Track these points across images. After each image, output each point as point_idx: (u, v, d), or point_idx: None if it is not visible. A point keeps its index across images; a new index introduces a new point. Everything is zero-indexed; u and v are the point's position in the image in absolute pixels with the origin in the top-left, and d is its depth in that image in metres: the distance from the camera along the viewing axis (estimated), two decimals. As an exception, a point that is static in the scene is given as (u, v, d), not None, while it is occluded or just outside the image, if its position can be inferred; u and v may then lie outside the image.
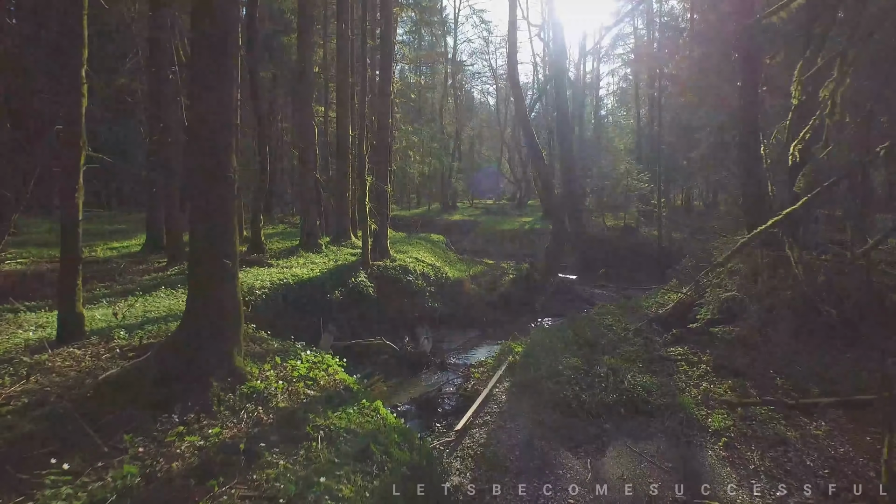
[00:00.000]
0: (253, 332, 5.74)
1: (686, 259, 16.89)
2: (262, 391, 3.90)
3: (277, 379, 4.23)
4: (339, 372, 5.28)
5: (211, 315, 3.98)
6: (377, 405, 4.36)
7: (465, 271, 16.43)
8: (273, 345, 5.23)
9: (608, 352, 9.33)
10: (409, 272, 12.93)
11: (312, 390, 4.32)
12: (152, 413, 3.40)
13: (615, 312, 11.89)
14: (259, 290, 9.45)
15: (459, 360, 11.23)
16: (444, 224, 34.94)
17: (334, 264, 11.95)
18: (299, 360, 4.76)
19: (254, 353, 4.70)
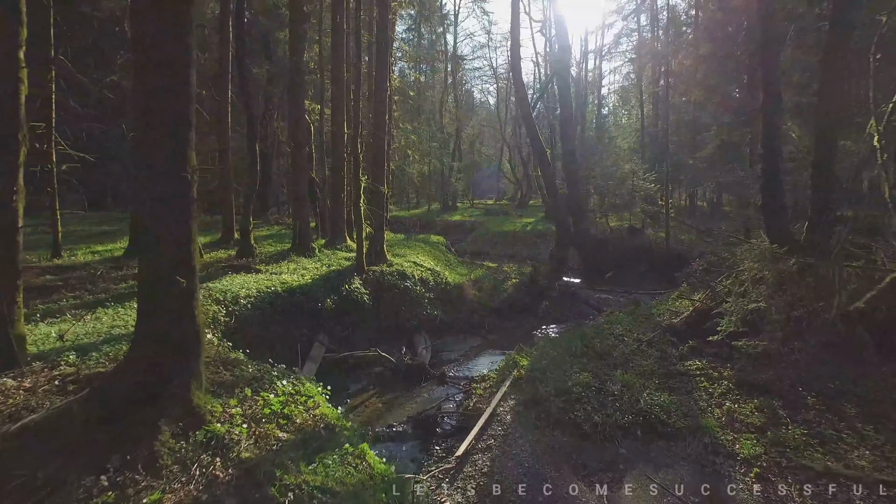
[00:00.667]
0: (225, 354, 5.07)
1: (696, 262, 16.20)
2: (222, 436, 3.22)
3: (244, 419, 3.54)
4: (322, 404, 4.59)
5: (163, 343, 3.31)
6: (363, 449, 3.69)
7: (465, 275, 15.76)
8: (247, 370, 4.54)
9: (620, 365, 8.66)
10: (407, 277, 12.26)
11: (286, 431, 3.64)
12: (79, 471, 2.73)
13: (625, 321, 11.22)
14: (244, 298, 8.78)
15: (460, 371, 10.56)
16: (443, 225, 34.28)
17: (327, 270, 11.27)
18: (274, 393, 4.07)
19: (221, 383, 4.02)
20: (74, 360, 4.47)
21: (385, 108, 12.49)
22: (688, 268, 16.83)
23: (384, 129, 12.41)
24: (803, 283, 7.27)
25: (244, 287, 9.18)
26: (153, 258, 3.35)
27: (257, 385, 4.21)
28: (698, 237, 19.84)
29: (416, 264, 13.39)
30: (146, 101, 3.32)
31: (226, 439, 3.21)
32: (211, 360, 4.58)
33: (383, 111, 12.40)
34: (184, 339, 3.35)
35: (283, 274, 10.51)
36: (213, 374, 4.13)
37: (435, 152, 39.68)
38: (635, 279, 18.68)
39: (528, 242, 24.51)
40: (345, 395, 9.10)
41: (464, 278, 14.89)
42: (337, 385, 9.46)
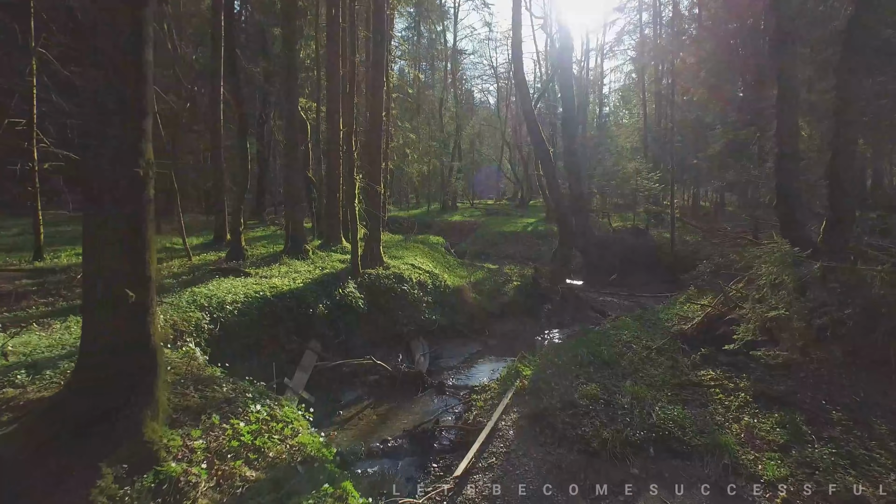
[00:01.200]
0: (199, 370, 4.57)
1: (703, 264, 15.70)
2: (176, 479, 2.72)
3: (206, 455, 3.02)
4: (302, 430, 4.07)
5: (110, 367, 2.81)
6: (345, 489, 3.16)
7: (465, 277, 15.26)
8: (220, 391, 4.03)
9: (629, 375, 8.17)
10: (404, 280, 11.77)
11: (255, 469, 3.12)
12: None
13: (632, 326, 10.72)
14: (231, 304, 8.28)
15: (460, 380, 10.07)
16: (443, 225, 33.73)
17: (320, 273, 10.77)
18: (246, 420, 3.54)
19: (186, 408, 3.52)
20: (24, 379, 3.95)
21: (381, 104, 11.99)
22: (694, 270, 16.35)
23: (380, 125, 11.91)
24: (826, 288, 6.78)
25: (231, 292, 8.68)
26: (98, 266, 2.85)
27: (229, 409, 3.69)
28: (704, 238, 19.32)
29: (413, 267, 12.90)
30: (91, 83, 2.83)
31: (181, 482, 2.70)
32: (180, 379, 4.09)
33: (380, 107, 11.91)
34: (136, 362, 2.86)
35: (273, 277, 10.02)
36: (179, 397, 3.64)
37: (434, 152, 39.19)
38: (640, 281, 18.18)
39: (530, 243, 24.00)
40: (338, 407, 8.61)
41: (463, 281, 14.39)
42: (330, 395, 8.99)
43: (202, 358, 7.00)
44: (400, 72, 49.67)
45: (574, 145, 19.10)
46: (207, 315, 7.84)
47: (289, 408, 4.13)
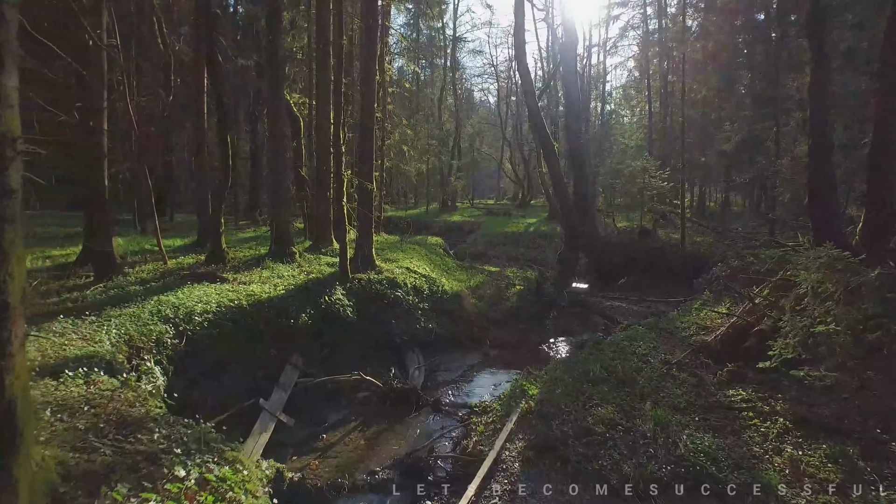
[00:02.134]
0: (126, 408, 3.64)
1: (718, 267, 14.77)
2: None
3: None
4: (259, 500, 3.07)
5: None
6: None
7: (464, 281, 14.34)
8: (147, 439, 3.06)
9: (649, 395, 7.23)
10: (398, 286, 10.84)
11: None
12: None
13: (646, 336, 9.80)
14: (200, 315, 7.36)
15: (458, 396, 9.14)
16: (442, 225, 32.86)
17: (305, 278, 9.85)
18: (165, 494, 2.56)
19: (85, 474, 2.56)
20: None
21: (374, 97, 11.08)
22: (708, 273, 15.41)
23: (373, 119, 10.99)
24: (883, 298, 5.86)
25: (202, 300, 7.76)
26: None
27: (147, 472, 2.76)
28: (716, 239, 18.40)
29: (409, 270, 11.97)
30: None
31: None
32: (98, 423, 3.18)
33: (372, 99, 10.99)
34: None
35: (252, 283, 9.09)
36: (80, 455, 2.73)
37: (434, 150, 38.29)
38: (649, 284, 17.24)
39: (532, 244, 23.08)
40: (321, 430, 7.68)
41: (462, 285, 13.47)
42: (313, 416, 8.05)
43: (159, 381, 6.08)
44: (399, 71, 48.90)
45: (578, 142, 18.17)
46: (172, 328, 6.92)
47: (243, 472, 3.10)
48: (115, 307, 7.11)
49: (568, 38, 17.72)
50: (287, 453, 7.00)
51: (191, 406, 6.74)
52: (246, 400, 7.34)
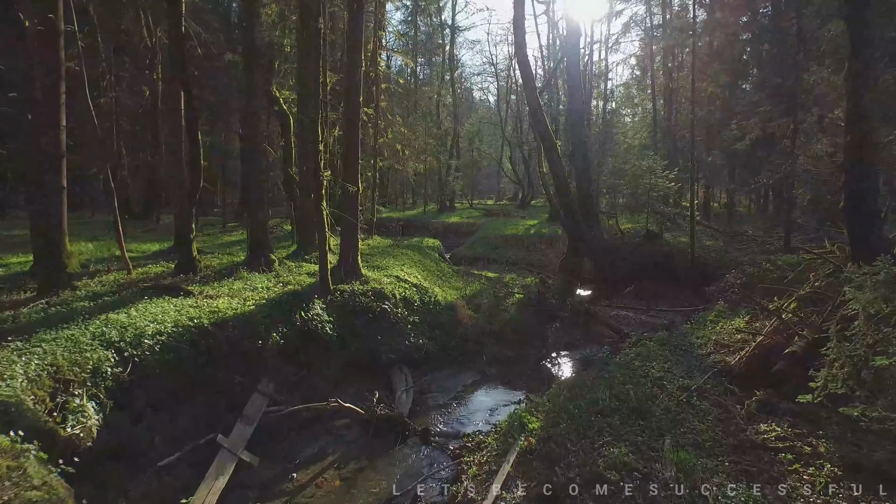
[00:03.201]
0: None
1: (733, 275, 13.79)
2: None
3: None
4: None
5: None
6: None
7: (460, 289, 13.38)
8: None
9: (668, 429, 6.27)
10: (386, 297, 9.87)
11: None
12: None
13: (660, 355, 8.83)
14: (152, 337, 6.40)
15: (450, 424, 8.18)
16: (440, 227, 31.91)
17: (281, 290, 8.89)
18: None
19: None
20: None
21: (359, 88, 10.10)
22: (720, 281, 14.45)
23: (357, 112, 10.02)
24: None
25: (157, 319, 6.80)
26: None
27: None
28: (726, 243, 17.43)
29: (398, 279, 11.01)
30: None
31: None
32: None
33: (357, 90, 10.01)
34: None
35: (220, 297, 8.13)
36: None
37: (431, 150, 37.34)
38: (656, 292, 16.25)
39: (532, 247, 22.11)
40: (292, 468, 6.71)
41: (457, 295, 12.50)
42: (284, 451, 7.07)
43: (90, 421, 5.13)
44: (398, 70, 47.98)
45: (582, 139, 17.15)
46: (115, 354, 5.95)
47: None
48: (52, 329, 6.14)
49: (570, 29, 16.75)
50: (249, 499, 6.06)
51: (134, 447, 5.80)
52: (204, 436, 6.39)
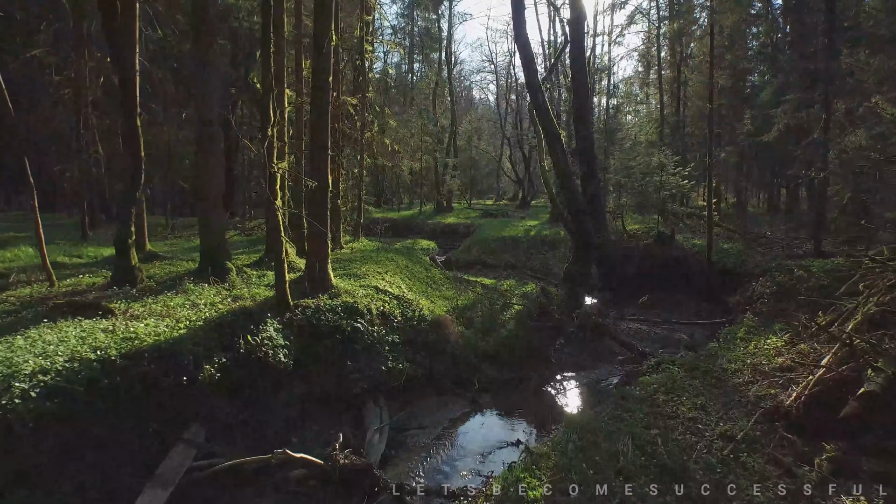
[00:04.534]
0: None
1: (760, 283, 12.23)
2: None
3: None
4: None
5: None
6: None
7: (452, 300, 11.84)
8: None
9: (713, 500, 4.71)
10: (359, 313, 8.31)
11: None
12: None
13: (688, 384, 7.27)
14: (28, 379, 4.85)
15: (432, 475, 6.60)
16: (435, 228, 30.44)
17: (228, 307, 7.33)
18: None
19: None
20: None
21: (329, 63, 8.52)
22: (746, 289, 12.89)
23: (327, 92, 8.44)
24: None
25: (47, 352, 5.25)
26: None
27: None
28: (746, 246, 15.86)
29: (377, 291, 9.45)
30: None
31: None
32: None
33: (327, 67, 8.44)
34: None
35: (146, 318, 6.57)
36: None
37: (427, 147, 35.82)
38: (671, 301, 14.70)
39: (533, 250, 20.54)
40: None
41: (447, 308, 10.95)
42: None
43: None
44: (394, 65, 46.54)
45: (588, 129, 15.54)
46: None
47: None
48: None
49: (575, 12, 15.21)
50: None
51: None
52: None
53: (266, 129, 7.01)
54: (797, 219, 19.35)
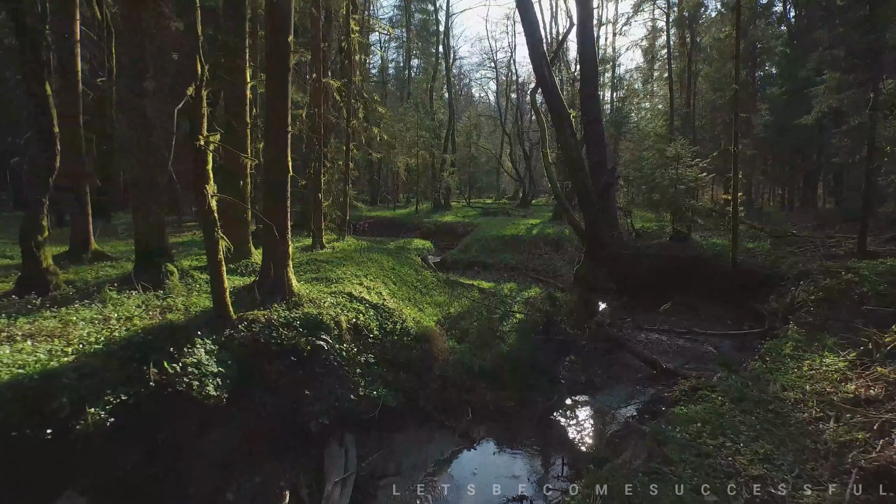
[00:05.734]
0: None
1: (801, 288, 10.61)
2: None
3: None
4: None
5: None
6: None
7: (444, 305, 10.26)
8: None
9: None
10: (323, 327, 6.70)
11: None
12: None
13: (739, 420, 5.66)
14: None
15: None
16: (432, 227, 28.81)
17: (149, 322, 5.72)
18: None
19: None
20: None
21: (288, 20, 6.92)
22: (783, 294, 11.27)
23: (286, 55, 6.83)
24: None
25: None
26: None
27: None
28: (773, 245, 14.24)
29: (351, 298, 7.83)
30: None
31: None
32: None
33: (285, 26, 6.83)
34: None
35: (23, 341, 4.95)
36: None
37: (424, 143, 34.22)
38: (688, 307, 13.08)
39: (535, 250, 18.97)
40: None
41: (439, 315, 9.35)
42: None
43: None
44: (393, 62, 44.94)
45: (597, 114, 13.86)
46: None
47: None
48: None
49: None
50: None
51: None
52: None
53: (198, 89, 5.38)
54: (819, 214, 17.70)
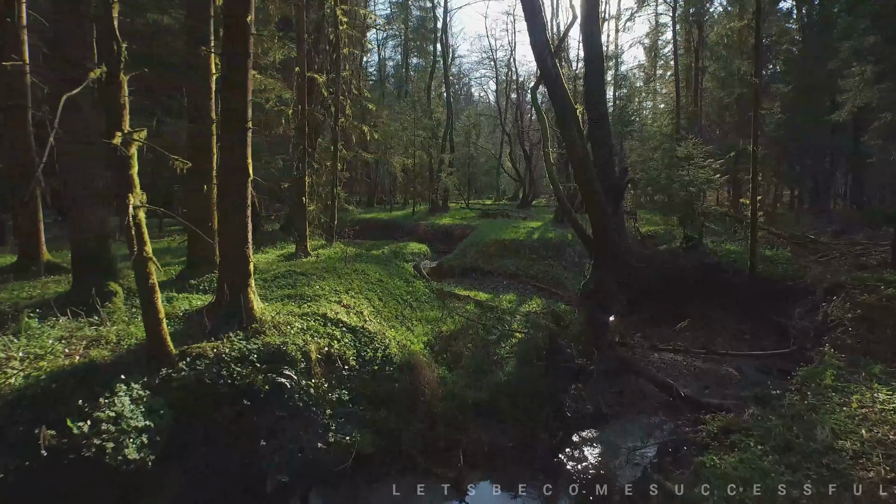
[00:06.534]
0: None
1: (836, 304, 9.55)
2: None
3: None
4: None
5: None
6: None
7: (436, 322, 9.19)
8: None
9: None
10: (287, 360, 5.63)
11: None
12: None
13: (789, 483, 4.60)
14: None
15: None
16: (428, 230, 27.76)
17: (63, 363, 4.66)
18: None
19: None
20: None
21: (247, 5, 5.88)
22: (814, 311, 10.20)
23: (245, 32, 5.78)
24: None
25: None
26: None
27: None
28: (794, 252, 13.19)
29: (325, 321, 6.77)
30: None
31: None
32: None
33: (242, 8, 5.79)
34: None
35: None
36: None
37: (422, 142, 33.19)
38: (705, 321, 12.01)
39: (537, 255, 17.90)
40: None
41: (429, 334, 8.29)
42: None
43: None
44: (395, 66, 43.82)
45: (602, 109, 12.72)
46: None
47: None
48: None
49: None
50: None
51: None
52: None
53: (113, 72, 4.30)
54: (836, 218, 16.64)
